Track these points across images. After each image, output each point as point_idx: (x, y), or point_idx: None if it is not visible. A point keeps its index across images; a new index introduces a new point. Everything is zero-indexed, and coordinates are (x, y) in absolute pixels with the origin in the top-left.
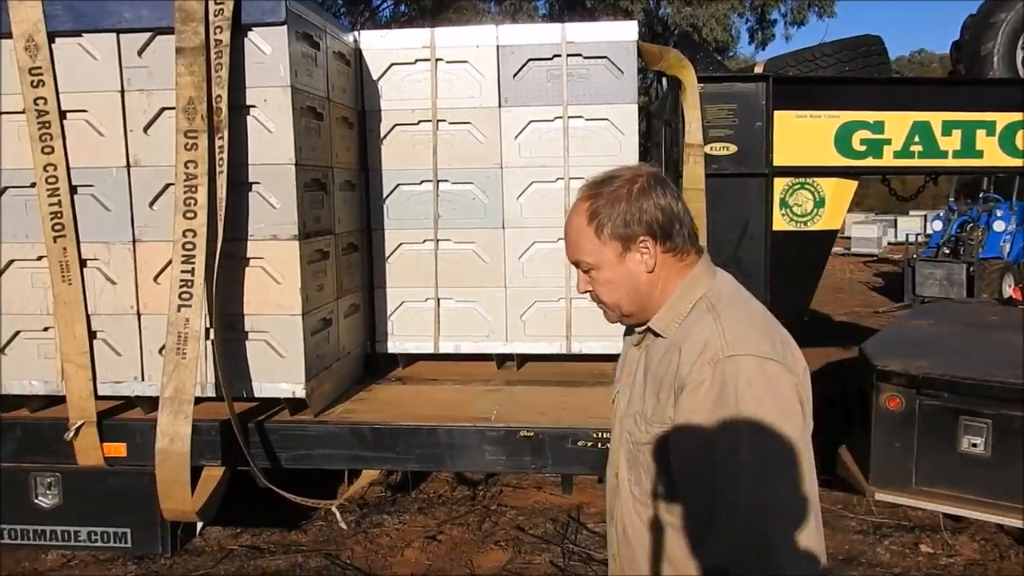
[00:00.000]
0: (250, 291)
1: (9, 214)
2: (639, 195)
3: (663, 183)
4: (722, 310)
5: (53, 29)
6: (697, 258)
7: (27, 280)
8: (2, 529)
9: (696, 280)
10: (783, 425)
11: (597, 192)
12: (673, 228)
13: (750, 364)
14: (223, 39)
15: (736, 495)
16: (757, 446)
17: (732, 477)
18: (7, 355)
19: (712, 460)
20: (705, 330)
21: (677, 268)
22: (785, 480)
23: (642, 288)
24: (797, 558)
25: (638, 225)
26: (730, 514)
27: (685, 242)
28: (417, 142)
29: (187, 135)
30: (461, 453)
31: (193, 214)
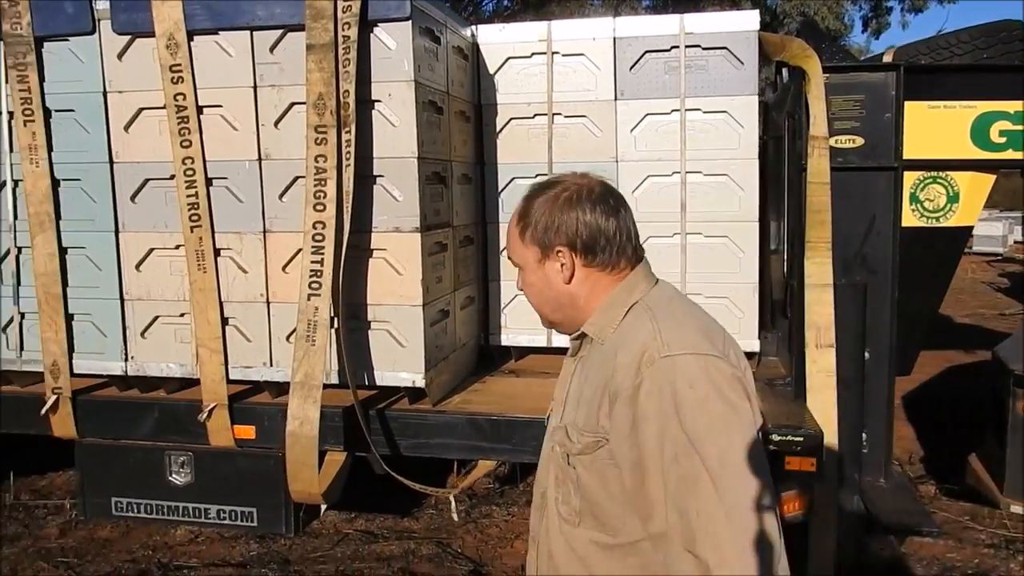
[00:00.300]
0: (373, 282)
1: (150, 205)
2: (564, 206)
3: (599, 198)
4: (659, 312)
5: (192, 28)
6: (632, 269)
7: (166, 268)
8: (139, 503)
9: (631, 286)
10: (731, 425)
11: (535, 194)
12: (596, 244)
13: (689, 363)
14: (351, 35)
15: (690, 504)
16: (706, 452)
17: (684, 487)
18: (146, 339)
19: (659, 471)
20: (642, 333)
21: (607, 281)
22: (740, 483)
23: (562, 298)
24: (752, 562)
25: (556, 235)
26: (684, 524)
27: (615, 257)
28: (532, 136)
29: (317, 130)
30: None
31: (323, 207)
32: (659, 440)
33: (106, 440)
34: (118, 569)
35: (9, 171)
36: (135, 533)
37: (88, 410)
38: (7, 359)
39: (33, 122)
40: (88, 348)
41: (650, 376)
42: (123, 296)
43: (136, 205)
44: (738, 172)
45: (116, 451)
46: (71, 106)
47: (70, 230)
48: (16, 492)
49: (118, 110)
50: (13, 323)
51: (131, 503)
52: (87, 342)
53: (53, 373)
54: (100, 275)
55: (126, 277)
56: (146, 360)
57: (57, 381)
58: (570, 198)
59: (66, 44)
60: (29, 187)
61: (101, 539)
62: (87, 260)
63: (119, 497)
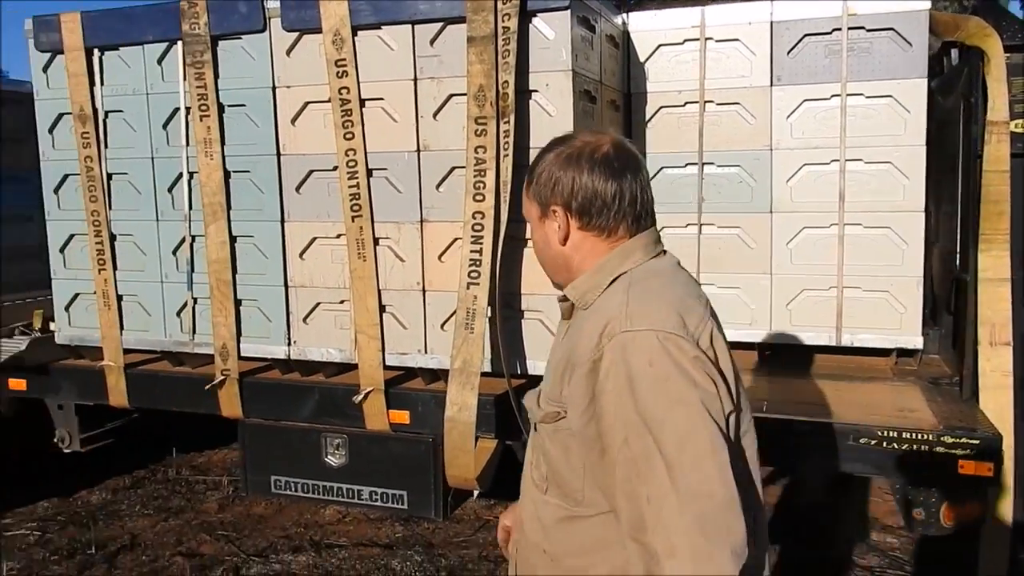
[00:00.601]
0: (528, 272)
1: (314, 196)
2: (564, 164)
3: (602, 158)
4: (638, 284)
5: (356, 23)
6: (631, 237)
7: (327, 256)
8: (297, 482)
9: (625, 254)
10: (692, 407)
11: (548, 148)
12: (592, 207)
13: (649, 339)
14: (511, 26)
15: (640, 490)
16: (663, 434)
17: (634, 471)
18: (308, 324)
19: (614, 449)
20: (613, 304)
21: (602, 246)
22: (699, 470)
23: (558, 259)
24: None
25: (553, 194)
26: (633, 511)
27: (612, 223)
28: (682, 124)
29: (477, 121)
30: None
31: (482, 197)
32: (613, 418)
33: (267, 421)
34: (274, 544)
35: (186, 164)
36: (287, 511)
37: (253, 391)
38: (180, 341)
39: (208, 117)
40: (254, 332)
41: (609, 350)
42: (287, 283)
43: (301, 196)
44: (903, 159)
45: (276, 431)
46: (242, 101)
47: (240, 219)
48: (177, 468)
49: (285, 104)
50: (187, 308)
51: (289, 482)
52: (253, 327)
53: (222, 355)
54: (267, 263)
55: (290, 265)
56: (307, 345)
57: (226, 363)
58: (571, 156)
59: (239, 42)
60: (203, 179)
61: (256, 515)
62: (255, 248)
63: (278, 475)
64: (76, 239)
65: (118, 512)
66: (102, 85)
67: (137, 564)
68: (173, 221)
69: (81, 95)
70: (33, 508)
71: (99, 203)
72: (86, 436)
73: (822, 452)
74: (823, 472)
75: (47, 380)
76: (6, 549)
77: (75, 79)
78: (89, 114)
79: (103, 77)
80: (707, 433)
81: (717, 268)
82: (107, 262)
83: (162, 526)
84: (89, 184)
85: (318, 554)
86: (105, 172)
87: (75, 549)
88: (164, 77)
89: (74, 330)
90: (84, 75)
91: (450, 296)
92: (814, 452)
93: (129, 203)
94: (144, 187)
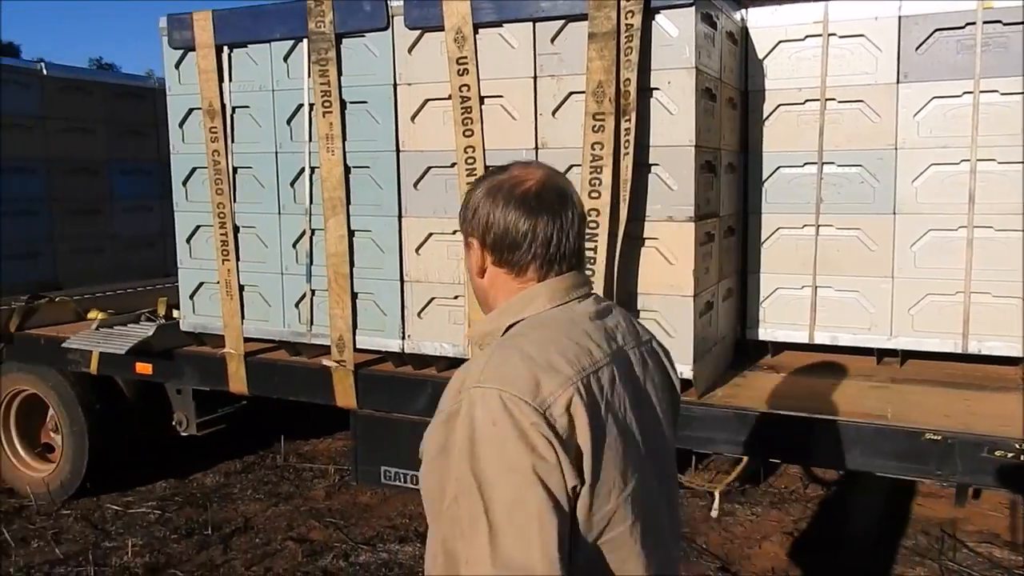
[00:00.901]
0: (644, 270)
1: (431, 192)
2: (486, 196)
3: (522, 195)
4: (515, 337)
5: (478, 21)
6: (539, 280)
7: (443, 252)
8: (406, 474)
9: (529, 298)
10: (527, 476)
11: (483, 177)
12: (503, 244)
13: (494, 400)
14: (634, 23)
15: (460, 550)
16: (494, 498)
17: (459, 530)
18: (422, 319)
19: (444, 504)
20: (483, 355)
21: (513, 285)
22: (522, 541)
23: (478, 290)
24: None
25: (471, 225)
26: (449, 568)
27: (523, 262)
28: (802, 122)
29: (595, 117)
30: (852, 450)
31: (597, 194)
32: (451, 474)
33: (379, 412)
34: (380, 533)
35: (308, 159)
36: (391, 501)
37: (368, 383)
38: (298, 332)
39: (331, 113)
40: (369, 325)
41: (464, 403)
42: (403, 278)
43: (418, 192)
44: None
45: (388, 423)
46: (364, 98)
47: (358, 214)
48: (285, 455)
49: (406, 101)
50: (305, 299)
51: (399, 473)
52: (368, 320)
53: (339, 347)
54: (383, 257)
55: (406, 260)
56: (421, 339)
57: (342, 355)
58: (494, 188)
59: (362, 40)
60: (325, 174)
61: (362, 504)
62: (372, 243)
63: (388, 466)
64: (201, 230)
65: (231, 495)
66: (230, 81)
67: (251, 547)
68: (294, 215)
69: (210, 91)
70: (152, 488)
71: (224, 196)
72: (202, 420)
73: (951, 464)
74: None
75: (171, 365)
76: (129, 526)
77: (205, 75)
78: (217, 109)
79: (231, 73)
80: (536, 504)
81: (835, 271)
82: (230, 253)
83: (273, 511)
84: (216, 177)
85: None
86: (231, 166)
87: (192, 529)
88: (289, 74)
89: (197, 318)
90: (214, 71)
91: None
92: (944, 464)
93: (253, 196)
94: (267, 181)
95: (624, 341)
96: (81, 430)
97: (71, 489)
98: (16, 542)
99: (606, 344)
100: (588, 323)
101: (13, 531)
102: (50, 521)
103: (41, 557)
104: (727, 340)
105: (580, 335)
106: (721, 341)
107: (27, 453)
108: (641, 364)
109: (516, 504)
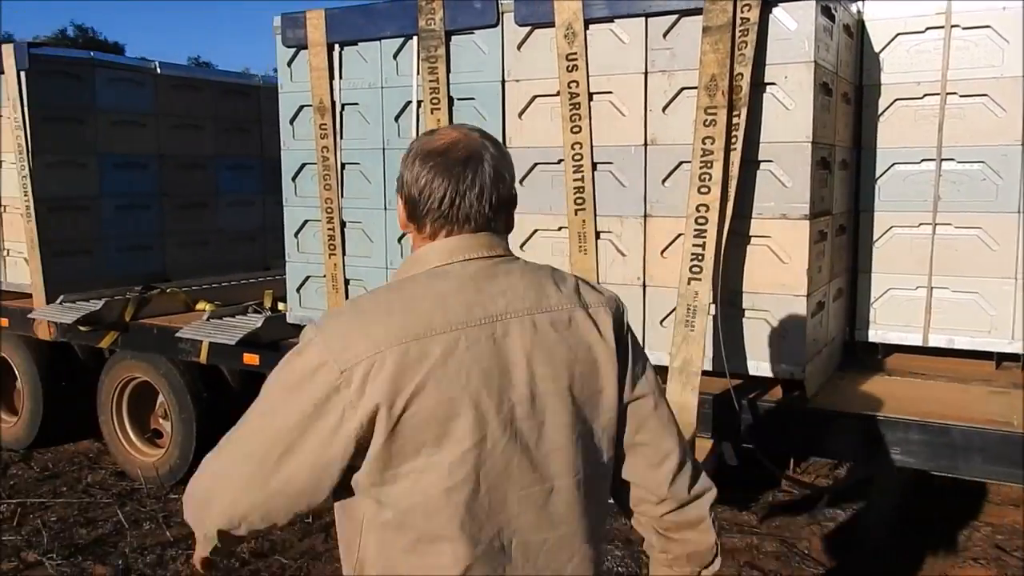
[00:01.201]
0: (752, 269)
1: (537, 188)
2: (405, 155)
3: (430, 152)
4: (377, 290)
5: (589, 17)
6: (435, 239)
7: (548, 249)
8: None
9: (419, 257)
10: (288, 398)
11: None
12: (410, 200)
13: (311, 349)
14: (751, 16)
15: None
16: (253, 407)
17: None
18: None
19: None
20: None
21: (417, 241)
22: (255, 438)
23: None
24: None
25: (398, 182)
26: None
27: (421, 219)
28: (920, 118)
29: (707, 112)
30: (974, 458)
31: (707, 189)
32: None
33: None
34: None
35: None
36: None
37: None
38: None
39: (439, 110)
40: None
41: (303, 338)
42: None
43: (523, 188)
44: None
45: None
46: (472, 95)
47: None
48: None
49: (514, 98)
50: None
51: None
52: None
53: None
54: None
55: None
56: None
57: None
58: (411, 148)
59: (471, 37)
60: None
61: None
62: None
63: None
64: (309, 225)
65: None
66: (340, 79)
67: None
68: None
69: (321, 88)
70: None
71: (332, 191)
72: None
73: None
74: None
75: (278, 356)
76: None
77: (317, 73)
78: (327, 106)
79: (341, 71)
80: (283, 422)
81: (952, 271)
82: (337, 247)
83: None
84: (324, 173)
85: None
86: (339, 162)
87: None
88: (398, 71)
89: (304, 311)
90: (325, 69)
91: (671, 292)
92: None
93: (360, 192)
94: (374, 177)
95: (509, 308)
96: (189, 417)
97: (179, 474)
98: (129, 523)
99: (464, 311)
100: (456, 287)
101: (126, 512)
102: (159, 504)
103: (153, 539)
104: (836, 341)
105: (431, 300)
106: (831, 342)
107: (137, 438)
108: (531, 331)
109: (265, 417)
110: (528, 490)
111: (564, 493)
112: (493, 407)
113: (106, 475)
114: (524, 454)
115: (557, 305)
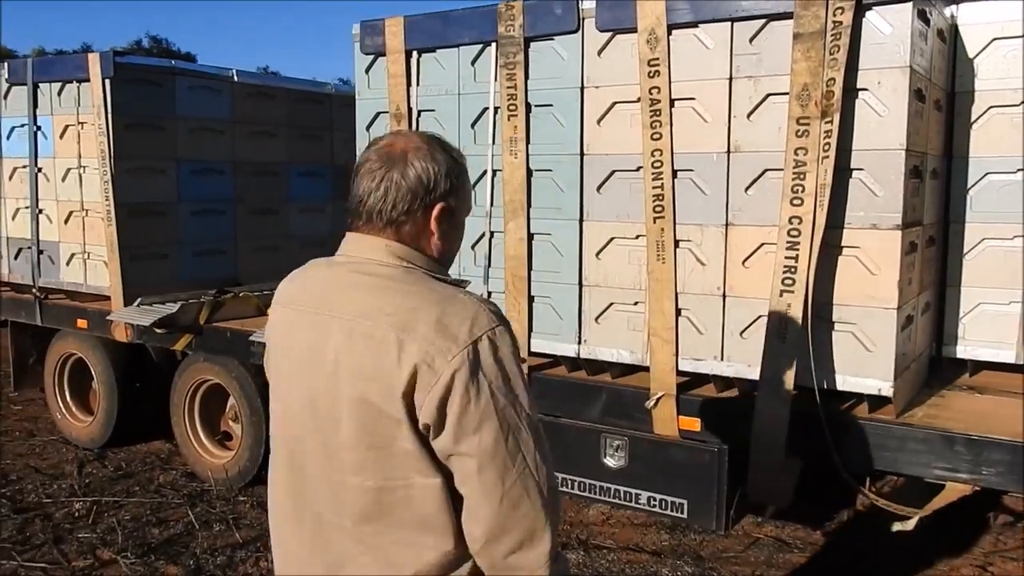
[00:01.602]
0: (842, 280)
1: (615, 196)
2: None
3: (366, 157)
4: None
5: (672, 22)
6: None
7: (624, 257)
8: (574, 480)
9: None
10: None
11: None
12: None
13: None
14: (844, 21)
15: None
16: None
17: None
18: (599, 324)
19: None
20: None
21: None
22: None
23: None
24: None
25: None
26: None
27: (351, 217)
28: (1016, 125)
29: (799, 122)
30: None
31: (800, 201)
32: None
33: (547, 416)
34: None
35: (490, 161)
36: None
37: (541, 387)
38: None
39: (516, 116)
40: (545, 329)
41: None
42: (581, 282)
43: (601, 195)
44: None
45: (556, 428)
46: (550, 101)
47: (538, 217)
48: None
49: (592, 104)
50: None
51: (564, 478)
52: (544, 323)
53: None
54: (562, 261)
55: (586, 264)
56: (598, 344)
57: None
58: (363, 156)
59: (551, 43)
60: (507, 176)
61: None
62: (552, 246)
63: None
64: None
65: None
66: (417, 85)
67: None
68: (474, 216)
69: (398, 95)
70: None
71: None
72: None
73: None
74: None
75: None
76: None
77: (394, 79)
78: (404, 113)
79: (419, 78)
80: None
81: None
82: None
83: None
84: None
85: (587, 554)
86: None
87: None
88: (476, 77)
89: None
90: (403, 76)
91: (752, 303)
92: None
93: None
94: None
95: (330, 308)
96: (259, 420)
97: (248, 476)
98: (200, 524)
99: (302, 294)
100: (311, 274)
101: (197, 513)
102: (229, 506)
103: (222, 540)
104: (923, 357)
105: (301, 278)
106: (919, 358)
107: (208, 440)
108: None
109: None
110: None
111: (352, 490)
112: (297, 390)
113: (177, 476)
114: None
115: (374, 326)
